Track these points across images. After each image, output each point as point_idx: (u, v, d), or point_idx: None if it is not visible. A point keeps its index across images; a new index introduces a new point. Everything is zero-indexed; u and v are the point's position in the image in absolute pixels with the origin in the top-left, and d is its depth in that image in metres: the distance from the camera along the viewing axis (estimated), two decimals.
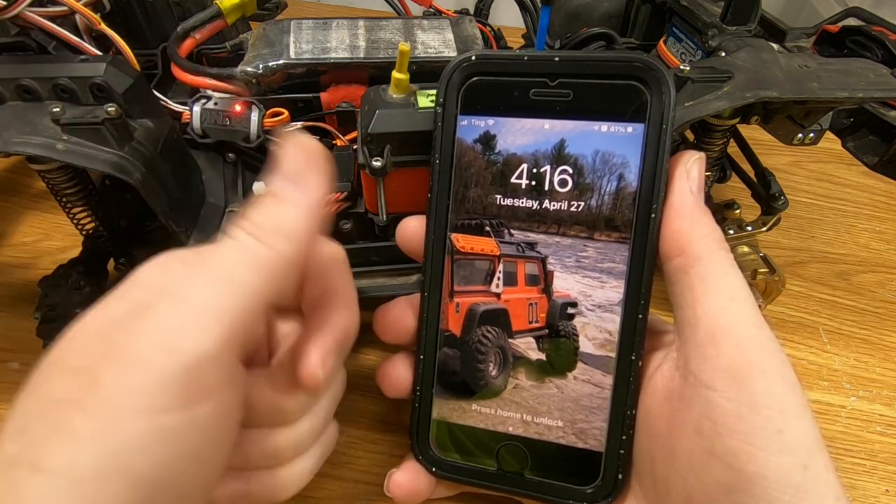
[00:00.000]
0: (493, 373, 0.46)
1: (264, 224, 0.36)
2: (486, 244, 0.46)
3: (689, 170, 0.42)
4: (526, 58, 0.44)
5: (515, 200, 0.45)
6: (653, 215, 0.41)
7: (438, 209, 0.46)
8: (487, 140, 0.45)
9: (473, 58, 0.45)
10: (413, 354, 0.48)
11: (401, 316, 0.48)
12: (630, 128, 0.42)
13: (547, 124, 0.43)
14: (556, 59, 0.44)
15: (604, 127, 0.43)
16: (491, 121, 0.45)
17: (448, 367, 0.47)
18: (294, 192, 0.37)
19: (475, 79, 0.45)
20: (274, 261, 0.35)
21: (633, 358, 0.42)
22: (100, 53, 0.61)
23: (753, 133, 0.77)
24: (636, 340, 0.42)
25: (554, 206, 0.44)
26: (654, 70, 0.41)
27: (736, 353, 0.37)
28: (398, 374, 0.48)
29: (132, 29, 0.75)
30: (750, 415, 0.36)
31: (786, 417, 0.36)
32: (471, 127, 0.45)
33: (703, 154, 0.44)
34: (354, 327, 0.44)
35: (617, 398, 0.43)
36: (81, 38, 0.62)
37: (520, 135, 0.44)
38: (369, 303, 0.55)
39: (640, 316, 0.42)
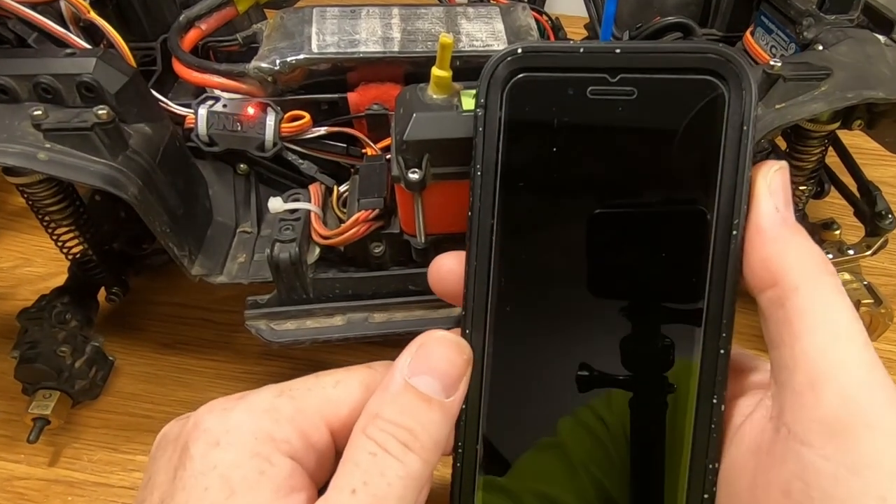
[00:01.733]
0: None
1: (422, 437, 0.38)
2: None
3: (771, 183, 0.40)
4: (581, 50, 0.42)
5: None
6: (734, 232, 0.39)
7: (481, 235, 0.43)
8: (539, 148, 0.42)
9: (519, 51, 0.42)
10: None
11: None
12: (705, 130, 0.40)
13: (608, 127, 0.41)
14: (617, 50, 0.41)
15: (674, 130, 0.40)
16: (542, 125, 0.42)
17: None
18: (444, 396, 0.39)
19: (522, 76, 0.42)
20: (427, 475, 0.38)
21: (715, 402, 0.40)
22: (89, 47, 0.61)
23: (856, 140, 0.74)
24: (718, 381, 0.40)
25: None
26: (731, 62, 0.40)
27: (839, 402, 0.35)
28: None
29: (127, 18, 0.75)
30: (849, 477, 0.34)
31: (893, 483, 0.33)
32: (518, 132, 0.42)
33: (783, 163, 0.41)
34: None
35: (697, 450, 0.41)
36: (67, 28, 0.61)
37: (576, 141, 0.42)
38: (407, 341, 0.53)
39: (722, 351, 0.40)
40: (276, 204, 0.61)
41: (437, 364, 0.40)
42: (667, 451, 0.42)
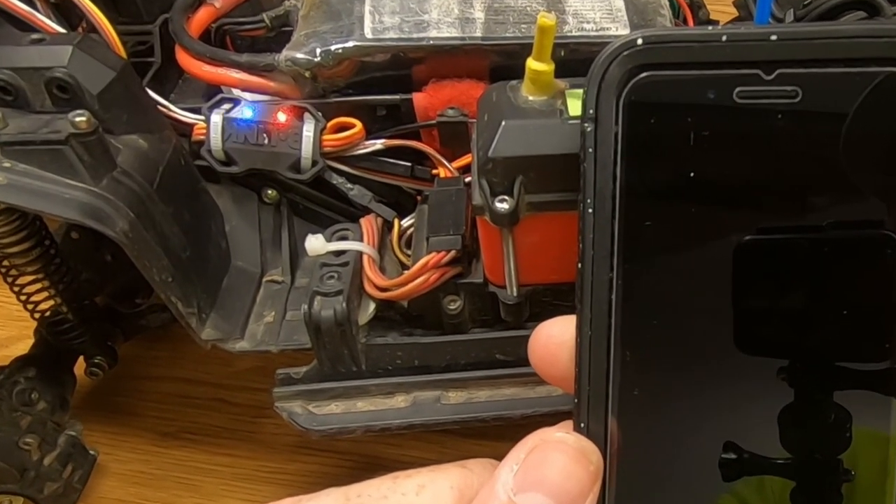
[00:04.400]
0: None
1: None
2: None
3: None
4: (724, 38, 0.39)
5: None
6: None
7: (597, 295, 0.40)
8: (670, 173, 0.40)
9: (639, 42, 0.39)
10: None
11: None
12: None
13: (763, 142, 0.38)
14: (773, 37, 0.38)
15: (854, 141, 0.38)
16: (673, 142, 0.39)
17: None
18: None
19: (644, 76, 0.39)
20: None
21: None
22: (63, 31, 0.59)
23: None
24: None
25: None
26: None
27: None
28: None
29: None
30: None
31: None
32: (642, 154, 0.40)
33: None
34: None
35: None
36: (35, 6, 0.59)
37: (721, 161, 0.39)
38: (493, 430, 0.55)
39: None
40: (315, 244, 0.59)
41: (553, 478, 0.37)
42: None
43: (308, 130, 0.62)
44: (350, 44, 0.61)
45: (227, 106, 0.62)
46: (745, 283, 0.40)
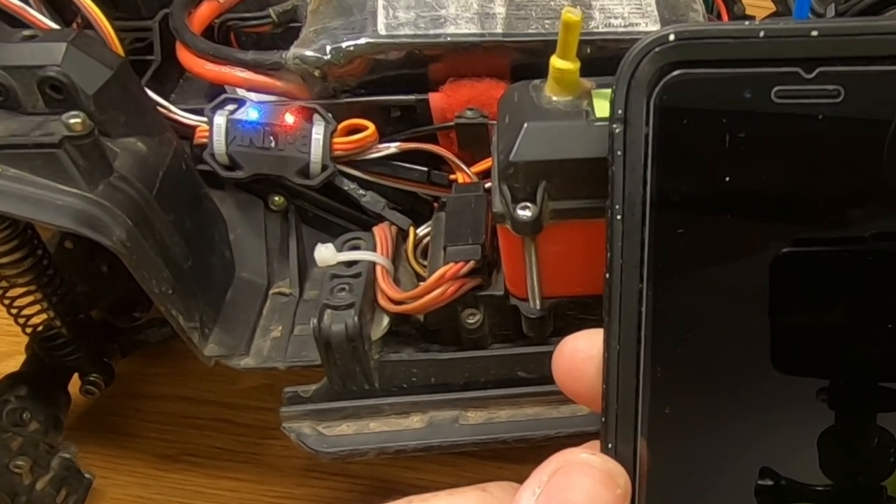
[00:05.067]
0: None
1: None
2: None
3: None
4: (762, 33, 0.38)
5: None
6: None
7: (626, 307, 0.39)
8: (704, 177, 0.38)
9: (671, 38, 0.38)
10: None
11: None
12: None
13: (805, 146, 0.37)
14: (814, 32, 0.37)
15: None
16: (708, 145, 0.38)
17: None
18: None
19: (677, 74, 0.38)
20: None
21: None
22: (57, 27, 0.59)
23: None
24: None
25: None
26: None
27: None
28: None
29: None
30: None
31: None
32: (674, 157, 0.38)
33: None
34: None
35: None
36: (27, 1, 0.59)
37: (758, 165, 0.37)
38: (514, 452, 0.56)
39: None
40: (325, 254, 0.59)
41: (577, 502, 0.35)
42: None
43: (317, 133, 0.61)
44: (362, 41, 0.60)
45: (231, 107, 0.62)
46: (783, 297, 0.38)
